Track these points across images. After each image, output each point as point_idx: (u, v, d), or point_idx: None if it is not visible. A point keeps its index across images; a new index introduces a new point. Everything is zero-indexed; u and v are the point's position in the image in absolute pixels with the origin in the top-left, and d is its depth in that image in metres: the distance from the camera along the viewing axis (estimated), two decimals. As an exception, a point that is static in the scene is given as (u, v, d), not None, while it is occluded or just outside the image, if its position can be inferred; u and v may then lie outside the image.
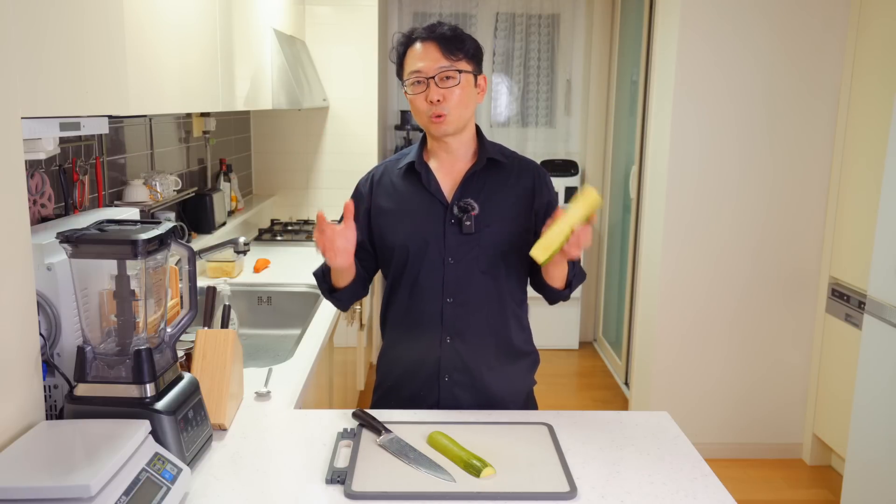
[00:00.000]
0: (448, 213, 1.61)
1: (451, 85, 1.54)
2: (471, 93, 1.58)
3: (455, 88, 1.54)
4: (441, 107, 1.53)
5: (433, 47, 1.54)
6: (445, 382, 1.64)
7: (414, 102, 1.57)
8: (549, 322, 4.57)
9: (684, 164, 3.17)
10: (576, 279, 1.63)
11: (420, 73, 1.54)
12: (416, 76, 1.54)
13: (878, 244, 2.42)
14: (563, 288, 1.63)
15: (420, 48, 1.55)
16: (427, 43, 1.55)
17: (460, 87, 1.55)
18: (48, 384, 1.34)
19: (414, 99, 1.56)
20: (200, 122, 3.13)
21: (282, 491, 1.25)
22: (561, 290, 1.63)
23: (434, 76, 1.53)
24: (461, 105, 1.56)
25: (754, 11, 3.06)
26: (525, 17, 4.71)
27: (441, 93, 1.53)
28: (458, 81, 1.54)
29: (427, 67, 1.53)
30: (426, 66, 1.53)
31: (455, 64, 1.54)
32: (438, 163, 1.65)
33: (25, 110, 1.20)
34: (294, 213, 4.14)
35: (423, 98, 1.54)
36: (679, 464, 1.37)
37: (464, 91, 1.56)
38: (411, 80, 1.56)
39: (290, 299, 2.69)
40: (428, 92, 1.54)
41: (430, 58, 1.53)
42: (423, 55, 1.54)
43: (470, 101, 1.58)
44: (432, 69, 1.53)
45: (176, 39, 1.88)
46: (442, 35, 1.55)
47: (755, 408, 3.37)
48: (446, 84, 1.53)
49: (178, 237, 1.35)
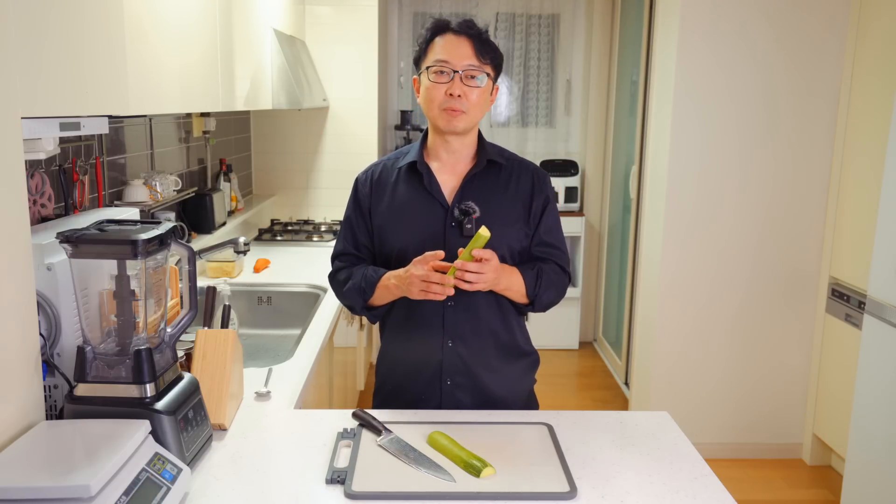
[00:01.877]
0: (449, 215, 1.60)
1: (474, 85, 1.54)
2: (487, 98, 1.59)
3: (476, 89, 1.55)
4: (459, 102, 1.53)
5: (467, 43, 1.54)
6: (447, 386, 1.64)
7: (430, 91, 1.55)
8: (549, 322, 4.57)
9: (684, 164, 3.17)
10: (542, 294, 1.61)
11: (448, 63, 1.53)
12: (443, 65, 1.53)
13: (878, 244, 2.42)
14: (527, 304, 1.63)
15: (453, 40, 1.54)
16: (461, 37, 1.54)
17: (482, 89, 1.56)
18: (48, 384, 1.34)
19: (431, 88, 1.55)
20: (200, 122, 3.13)
21: (282, 491, 1.25)
22: (525, 305, 1.64)
23: (460, 71, 1.53)
24: (478, 106, 1.57)
25: (754, 11, 3.06)
26: (525, 17, 4.71)
27: (463, 89, 1.53)
28: (481, 84, 1.55)
29: (456, 61, 1.53)
30: (455, 59, 1.53)
31: (483, 66, 1.55)
32: (439, 164, 1.64)
33: (25, 110, 1.20)
34: (294, 213, 4.14)
35: (443, 89, 1.54)
36: (679, 464, 1.37)
37: (483, 94, 1.57)
38: (436, 69, 1.54)
39: (290, 299, 2.69)
40: (451, 85, 1.53)
41: (461, 52, 1.53)
42: (455, 48, 1.54)
43: (485, 105, 1.59)
44: (461, 64, 1.53)
45: (176, 39, 1.88)
46: (478, 34, 1.55)
47: (755, 408, 3.37)
48: (470, 83, 1.54)
49: (178, 237, 1.35)
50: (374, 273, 1.61)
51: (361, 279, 1.62)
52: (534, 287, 1.60)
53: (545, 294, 1.62)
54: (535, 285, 1.60)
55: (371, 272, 1.62)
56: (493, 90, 1.62)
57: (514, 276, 1.58)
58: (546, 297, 1.63)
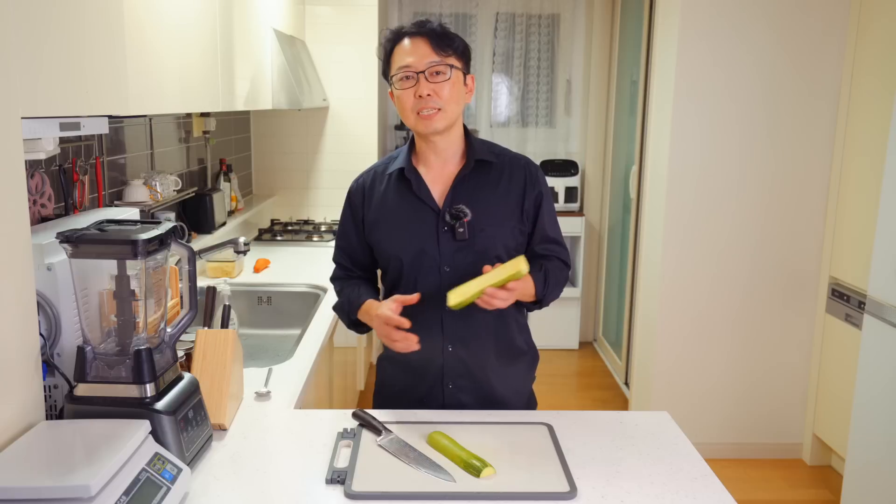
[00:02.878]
0: (440, 220, 1.58)
1: (441, 80, 1.52)
2: (460, 90, 1.56)
3: (445, 84, 1.52)
4: (431, 101, 1.51)
5: (423, 42, 1.52)
6: (450, 389, 1.64)
7: (401, 99, 1.54)
8: (549, 322, 4.57)
9: (684, 164, 3.17)
10: (549, 296, 1.63)
11: (409, 67, 1.51)
12: (405, 71, 1.51)
13: (878, 244, 2.42)
14: (534, 302, 1.64)
15: (409, 44, 1.53)
16: (416, 38, 1.52)
17: (450, 82, 1.53)
18: (48, 384, 1.34)
19: (402, 95, 1.53)
20: (200, 122, 3.13)
21: (282, 491, 1.25)
22: (532, 304, 1.65)
23: (424, 70, 1.51)
24: (451, 101, 1.53)
25: (754, 11, 3.06)
26: (525, 17, 4.71)
27: (431, 87, 1.51)
28: (449, 77, 1.52)
29: (417, 62, 1.51)
30: (416, 60, 1.51)
31: (445, 59, 1.52)
32: (427, 167, 1.62)
33: (25, 110, 1.20)
34: (294, 213, 4.14)
35: (412, 93, 1.52)
36: (679, 464, 1.37)
37: (454, 87, 1.53)
38: (400, 76, 1.53)
39: (290, 299, 2.69)
40: (418, 87, 1.51)
41: (419, 53, 1.51)
42: (413, 50, 1.52)
43: (460, 99, 1.56)
44: (422, 64, 1.51)
45: (176, 39, 1.88)
46: (432, 30, 1.53)
47: (755, 408, 3.37)
48: (436, 79, 1.51)
49: (178, 237, 1.35)
50: (357, 298, 1.65)
51: (346, 301, 1.68)
52: (542, 288, 1.60)
53: (552, 294, 1.64)
54: (544, 286, 1.60)
55: (355, 296, 1.65)
56: (466, 80, 1.58)
57: (527, 284, 1.56)
58: (552, 296, 1.64)
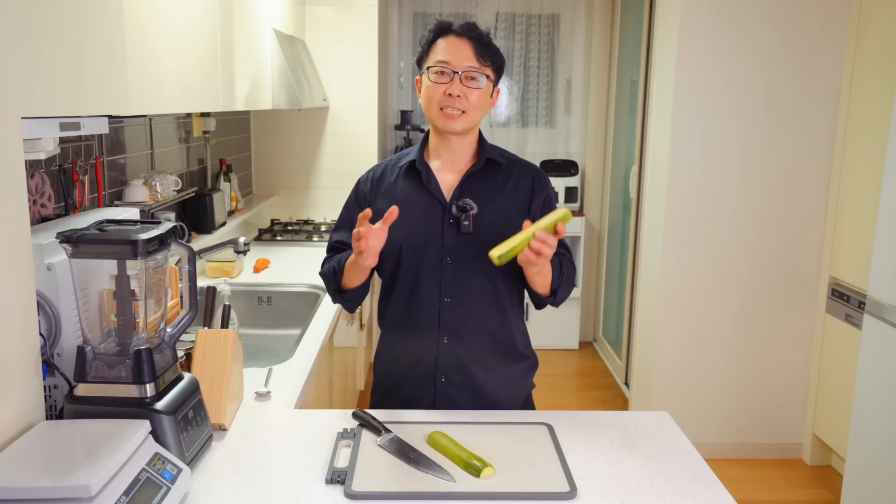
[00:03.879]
0: (447, 212, 1.61)
1: (473, 86, 1.57)
2: (486, 100, 1.61)
3: (476, 90, 1.57)
4: (458, 102, 1.55)
5: (467, 45, 1.56)
6: (442, 383, 1.63)
7: (430, 90, 1.58)
8: (549, 322, 4.56)
9: (684, 164, 3.17)
10: (561, 288, 1.63)
11: (448, 64, 1.56)
12: (443, 66, 1.56)
13: (878, 244, 2.42)
14: (548, 295, 1.64)
15: (454, 41, 1.57)
16: (463, 39, 1.57)
17: (481, 91, 1.58)
18: (48, 384, 1.34)
19: (432, 87, 1.57)
20: (200, 122, 3.13)
21: (282, 491, 1.25)
22: (545, 297, 1.65)
23: (460, 72, 1.55)
24: (477, 108, 1.58)
25: (754, 11, 3.06)
26: (525, 17, 4.71)
27: (463, 90, 1.55)
28: (481, 85, 1.57)
29: (456, 62, 1.55)
30: (455, 60, 1.55)
31: (483, 68, 1.57)
32: (439, 162, 1.66)
33: (25, 110, 1.20)
34: (294, 213, 4.14)
35: (443, 89, 1.56)
36: (679, 464, 1.37)
37: (482, 96, 1.59)
38: (437, 69, 1.57)
39: (290, 299, 2.69)
40: (451, 85, 1.55)
41: (461, 54, 1.56)
42: (456, 49, 1.56)
43: (484, 107, 1.61)
44: (461, 65, 1.55)
45: (176, 39, 1.88)
46: (479, 37, 1.58)
47: (755, 408, 3.37)
48: (470, 84, 1.56)
49: (178, 237, 1.35)
50: (346, 254, 1.64)
51: (336, 261, 1.66)
52: (558, 277, 1.61)
53: (564, 288, 1.64)
54: (559, 276, 1.61)
55: (345, 256, 1.64)
56: (493, 93, 1.63)
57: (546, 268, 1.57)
58: (564, 291, 1.64)
